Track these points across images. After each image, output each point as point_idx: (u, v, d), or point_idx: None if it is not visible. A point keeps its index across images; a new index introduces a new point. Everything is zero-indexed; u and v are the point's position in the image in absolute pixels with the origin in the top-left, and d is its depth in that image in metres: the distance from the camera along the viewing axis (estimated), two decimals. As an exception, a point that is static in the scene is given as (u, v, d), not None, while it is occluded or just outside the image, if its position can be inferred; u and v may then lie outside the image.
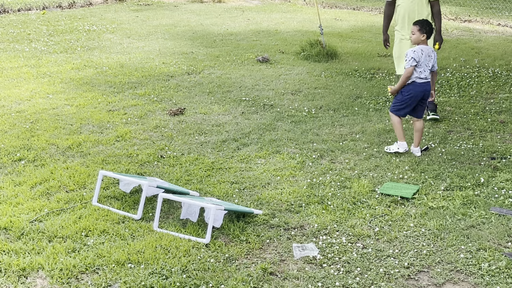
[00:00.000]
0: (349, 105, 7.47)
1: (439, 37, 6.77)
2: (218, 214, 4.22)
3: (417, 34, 5.68)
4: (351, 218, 4.50)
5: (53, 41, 11.58)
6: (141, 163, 5.57)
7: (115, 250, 3.97)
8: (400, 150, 5.79)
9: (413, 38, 5.72)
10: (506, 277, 3.70)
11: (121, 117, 6.94)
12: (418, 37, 5.68)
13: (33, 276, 3.72)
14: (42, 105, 7.31)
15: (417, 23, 5.71)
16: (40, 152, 5.78)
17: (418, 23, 5.70)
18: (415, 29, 5.68)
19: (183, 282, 3.63)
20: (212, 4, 18.14)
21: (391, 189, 4.95)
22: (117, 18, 14.87)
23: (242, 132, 6.46)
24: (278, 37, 12.45)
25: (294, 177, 5.27)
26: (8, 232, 4.22)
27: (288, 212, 4.61)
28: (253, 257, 3.97)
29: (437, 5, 6.75)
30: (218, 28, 13.55)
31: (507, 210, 4.56)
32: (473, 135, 6.39)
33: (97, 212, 4.53)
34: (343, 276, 3.72)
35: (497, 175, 5.24)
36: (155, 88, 8.22)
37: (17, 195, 4.82)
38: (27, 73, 8.92)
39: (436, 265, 3.87)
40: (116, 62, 9.81)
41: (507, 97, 7.79)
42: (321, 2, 17.89)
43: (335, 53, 10.27)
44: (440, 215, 4.53)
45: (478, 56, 10.41)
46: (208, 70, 9.38)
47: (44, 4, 16.52)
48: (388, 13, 7.10)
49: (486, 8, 15.98)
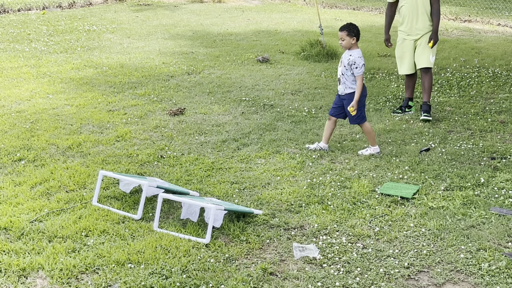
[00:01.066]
0: (349, 105, 7.46)
1: (435, 36, 6.77)
2: (218, 214, 4.22)
3: (347, 39, 5.58)
4: (351, 218, 4.50)
5: (53, 41, 11.58)
6: (141, 163, 5.57)
7: (115, 250, 3.97)
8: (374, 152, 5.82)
9: (344, 44, 5.60)
10: (506, 277, 3.70)
11: (121, 117, 6.94)
12: (348, 42, 5.60)
13: (33, 276, 3.72)
14: (42, 105, 7.31)
15: (343, 28, 5.60)
16: (40, 152, 5.78)
17: (345, 28, 5.58)
18: (344, 34, 5.57)
19: (183, 282, 3.63)
20: (212, 4, 18.14)
21: (391, 189, 4.95)
22: (117, 18, 14.87)
23: (242, 132, 6.46)
24: (278, 37, 12.45)
25: (294, 177, 5.27)
26: (8, 232, 4.22)
27: (288, 212, 4.61)
28: (253, 257, 3.97)
29: (437, 4, 6.76)
30: (218, 28, 13.54)
31: (507, 210, 4.56)
32: (473, 135, 6.39)
33: (97, 212, 4.53)
34: (343, 276, 3.72)
35: (497, 175, 5.24)
36: (155, 88, 8.22)
37: (17, 195, 4.82)
38: (27, 73, 8.92)
39: (436, 265, 3.87)
40: (116, 62, 9.81)
41: (507, 97, 7.79)
42: (321, 2, 17.89)
43: (335, 53, 10.27)
44: (440, 215, 4.53)
45: (478, 56, 10.41)
46: (208, 70, 9.38)
47: (44, 4, 16.52)
48: (389, 14, 7.14)
49: (486, 8, 15.98)
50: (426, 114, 6.85)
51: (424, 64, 6.87)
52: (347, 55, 5.63)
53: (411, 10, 6.80)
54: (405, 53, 7.01)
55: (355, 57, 5.58)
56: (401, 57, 7.06)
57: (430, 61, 6.87)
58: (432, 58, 6.87)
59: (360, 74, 5.58)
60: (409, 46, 6.95)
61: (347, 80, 5.65)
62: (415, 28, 6.83)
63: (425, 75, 6.95)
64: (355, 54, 5.59)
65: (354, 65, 5.56)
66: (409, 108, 7.23)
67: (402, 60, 7.07)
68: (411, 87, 7.24)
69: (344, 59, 5.66)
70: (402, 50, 7.02)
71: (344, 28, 5.61)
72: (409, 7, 6.80)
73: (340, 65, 5.71)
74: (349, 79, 5.64)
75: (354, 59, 5.57)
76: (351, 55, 5.60)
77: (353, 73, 5.60)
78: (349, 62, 5.57)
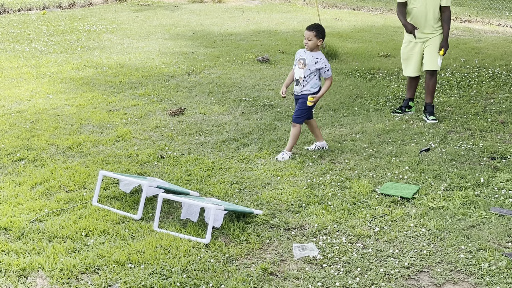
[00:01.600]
0: (349, 105, 7.47)
1: (446, 44, 6.72)
2: (218, 214, 4.22)
3: (314, 40, 5.52)
4: (351, 218, 4.50)
5: (53, 41, 11.58)
6: (141, 163, 5.57)
7: (115, 250, 3.97)
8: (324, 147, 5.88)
9: (310, 44, 5.53)
10: (506, 277, 3.70)
11: (121, 117, 6.94)
12: (315, 43, 5.54)
13: (33, 276, 3.72)
14: (42, 105, 7.31)
15: (312, 28, 5.52)
16: (40, 152, 5.78)
17: (314, 29, 5.51)
18: (312, 34, 5.50)
19: (183, 282, 3.63)
20: (212, 4, 18.14)
21: (391, 189, 4.95)
22: (117, 18, 14.87)
23: (242, 132, 6.46)
24: (278, 37, 12.45)
25: (294, 177, 5.27)
26: (8, 232, 4.22)
27: (288, 212, 4.61)
28: (253, 257, 3.97)
29: (448, 11, 6.70)
30: (218, 28, 13.55)
31: (507, 210, 4.56)
32: (473, 135, 6.39)
33: (97, 212, 4.53)
34: (343, 276, 3.72)
35: (497, 175, 5.24)
36: (155, 88, 8.22)
37: (17, 195, 4.82)
38: (27, 73, 8.92)
39: (436, 265, 3.87)
40: (116, 62, 9.81)
41: (507, 97, 7.79)
42: (321, 2, 17.89)
43: (335, 53, 10.27)
44: (440, 215, 4.53)
45: (478, 56, 10.41)
46: (208, 70, 9.38)
47: (44, 4, 16.52)
48: (402, 11, 6.90)
49: (486, 8, 15.98)
50: (433, 118, 6.81)
51: (432, 66, 6.81)
52: (313, 58, 5.57)
53: (420, 14, 6.72)
54: (412, 55, 6.94)
55: (323, 61, 5.59)
56: (407, 58, 7.00)
57: (438, 64, 6.82)
58: (439, 61, 6.82)
59: (331, 75, 5.64)
60: (417, 49, 6.88)
61: (309, 82, 5.64)
62: (423, 32, 6.76)
63: (431, 77, 6.89)
64: (321, 57, 5.60)
65: (325, 69, 5.60)
66: (409, 108, 7.20)
67: (408, 62, 7.00)
68: (413, 88, 7.20)
69: (308, 62, 5.58)
70: (408, 52, 6.96)
71: (313, 28, 5.53)
72: (419, 11, 6.72)
73: (302, 67, 5.62)
74: (312, 82, 5.64)
75: (323, 63, 5.59)
76: (318, 58, 5.57)
77: (318, 77, 5.64)
78: (318, 67, 5.57)
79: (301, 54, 5.70)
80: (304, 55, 5.66)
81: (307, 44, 5.57)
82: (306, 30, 5.58)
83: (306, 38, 5.56)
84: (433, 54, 6.78)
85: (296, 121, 5.76)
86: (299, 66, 5.67)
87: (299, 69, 5.68)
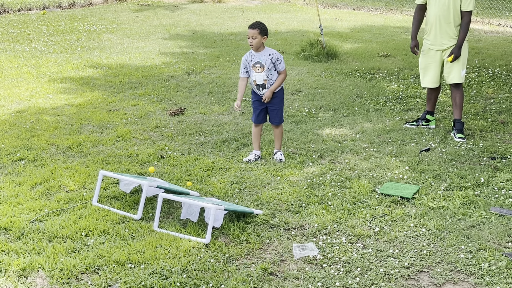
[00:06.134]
0: (349, 105, 7.47)
1: (457, 51, 6.16)
2: (218, 214, 4.22)
3: (258, 37, 5.33)
4: (351, 218, 4.50)
5: (53, 41, 11.58)
6: (141, 163, 5.57)
7: (115, 250, 3.97)
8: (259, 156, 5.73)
9: (254, 42, 5.34)
10: (506, 277, 3.70)
11: (121, 117, 6.94)
12: (259, 41, 5.36)
13: (33, 276, 3.72)
14: (42, 105, 7.31)
15: (255, 26, 5.34)
16: (40, 152, 5.78)
17: (257, 26, 5.33)
18: (256, 32, 5.31)
19: (183, 282, 3.63)
20: (212, 4, 18.14)
21: (391, 189, 4.95)
22: (117, 18, 14.87)
23: (242, 132, 6.46)
24: (278, 37, 12.45)
25: (294, 177, 5.27)
26: (8, 232, 4.22)
27: (288, 212, 4.61)
28: (253, 257, 3.97)
29: (467, 17, 6.17)
30: (218, 28, 13.55)
31: (507, 210, 4.56)
32: (473, 135, 6.39)
33: (97, 212, 4.53)
34: (343, 276, 3.72)
35: (497, 175, 5.24)
36: (155, 88, 8.22)
37: (17, 195, 4.82)
38: (27, 73, 8.92)
39: (436, 265, 3.87)
40: (116, 62, 9.81)
41: (507, 97, 7.79)
42: (321, 2, 17.89)
43: (335, 53, 10.27)
44: (440, 215, 4.53)
45: (478, 56, 10.41)
46: (208, 70, 9.38)
47: (44, 4, 16.52)
48: (417, 18, 6.51)
49: (486, 8, 15.98)
50: (460, 136, 6.24)
51: (456, 80, 6.29)
52: (266, 56, 5.40)
53: (438, 19, 6.18)
54: (430, 64, 6.41)
55: (276, 53, 5.44)
56: (425, 68, 6.47)
57: (461, 76, 6.29)
58: (463, 72, 6.30)
59: (284, 67, 5.50)
60: (435, 57, 6.35)
61: (273, 79, 5.47)
62: (440, 39, 6.24)
63: (457, 91, 6.38)
64: (271, 51, 5.44)
65: (278, 61, 5.42)
66: (426, 122, 6.67)
67: (425, 71, 6.48)
68: (433, 100, 6.68)
69: (264, 62, 5.39)
70: (426, 60, 6.43)
71: (256, 26, 5.35)
72: (436, 16, 6.19)
73: (261, 71, 5.42)
74: (274, 76, 5.48)
75: (275, 56, 5.42)
76: (270, 54, 5.41)
77: (277, 71, 5.46)
78: (272, 61, 5.40)
79: (251, 58, 5.46)
80: (256, 58, 5.43)
81: (251, 43, 5.36)
82: (249, 29, 5.37)
83: (251, 37, 5.35)
84: (454, 66, 6.26)
85: (280, 122, 5.67)
86: (256, 72, 5.44)
87: (258, 74, 5.44)
